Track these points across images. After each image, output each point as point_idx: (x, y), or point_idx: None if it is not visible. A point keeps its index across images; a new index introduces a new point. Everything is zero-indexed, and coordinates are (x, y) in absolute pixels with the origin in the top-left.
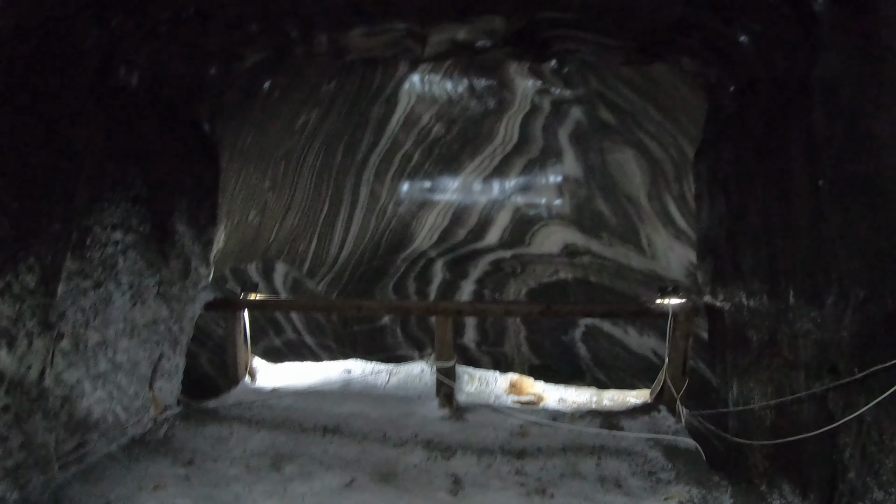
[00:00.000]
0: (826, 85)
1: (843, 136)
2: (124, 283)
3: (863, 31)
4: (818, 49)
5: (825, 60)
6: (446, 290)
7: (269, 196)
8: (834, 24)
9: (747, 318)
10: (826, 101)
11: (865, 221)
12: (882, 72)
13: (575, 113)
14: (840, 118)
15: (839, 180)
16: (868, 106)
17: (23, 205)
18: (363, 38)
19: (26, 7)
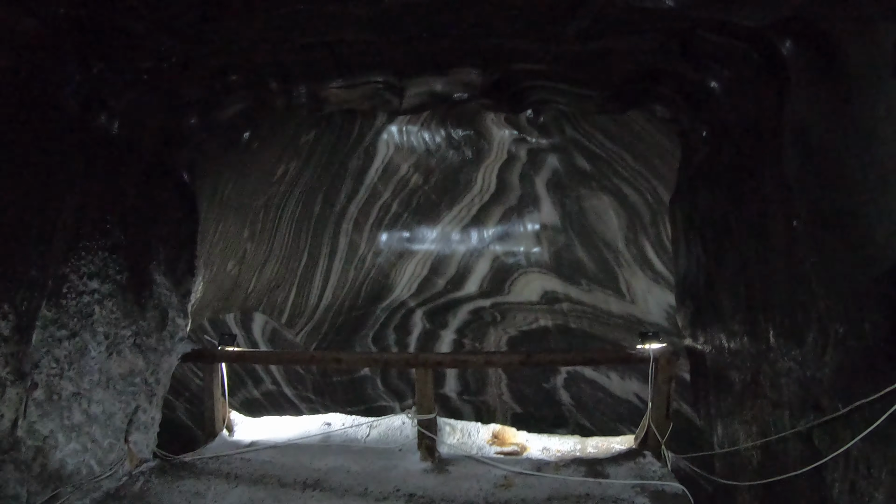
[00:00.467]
0: (796, 126)
1: (815, 176)
2: (100, 333)
3: (829, 73)
4: (787, 92)
5: (794, 103)
6: (426, 340)
7: (248, 246)
8: (801, 67)
9: (729, 359)
10: (797, 142)
11: (841, 258)
12: (849, 112)
13: (551, 161)
14: (811, 158)
15: (813, 219)
16: (838, 145)
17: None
18: (341, 91)
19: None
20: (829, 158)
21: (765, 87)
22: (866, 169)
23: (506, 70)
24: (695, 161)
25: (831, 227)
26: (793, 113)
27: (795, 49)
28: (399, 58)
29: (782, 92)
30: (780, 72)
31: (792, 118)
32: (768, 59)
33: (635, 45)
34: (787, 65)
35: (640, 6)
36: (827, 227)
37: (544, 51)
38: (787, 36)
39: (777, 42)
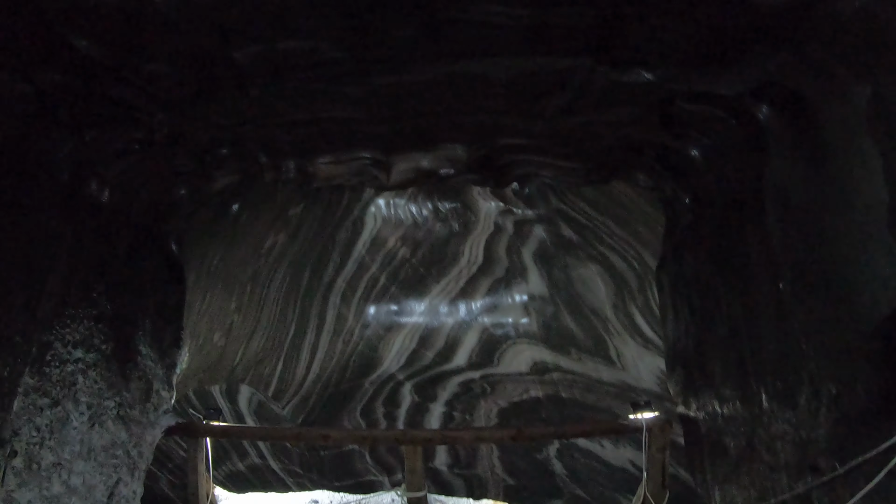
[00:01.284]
0: (777, 189)
1: (798, 237)
2: (83, 403)
3: (806, 135)
4: (766, 156)
5: (774, 166)
6: (415, 414)
7: (235, 317)
8: (779, 130)
9: (723, 425)
10: (778, 204)
11: (829, 318)
12: (828, 172)
13: (538, 232)
14: (793, 220)
15: (799, 280)
16: (818, 206)
17: None
18: (330, 167)
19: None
20: (811, 219)
21: (745, 152)
22: (848, 227)
23: (491, 145)
24: (679, 228)
25: (817, 287)
26: (773, 176)
27: (772, 113)
28: (386, 134)
29: (762, 156)
30: (758, 136)
31: (772, 181)
32: (746, 125)
33: (616, 118)
34: (764, 129)
35: (620, 80)
36: (813, 287)
37: (528, 126)
38: (763, 101)
39: (754, 108)
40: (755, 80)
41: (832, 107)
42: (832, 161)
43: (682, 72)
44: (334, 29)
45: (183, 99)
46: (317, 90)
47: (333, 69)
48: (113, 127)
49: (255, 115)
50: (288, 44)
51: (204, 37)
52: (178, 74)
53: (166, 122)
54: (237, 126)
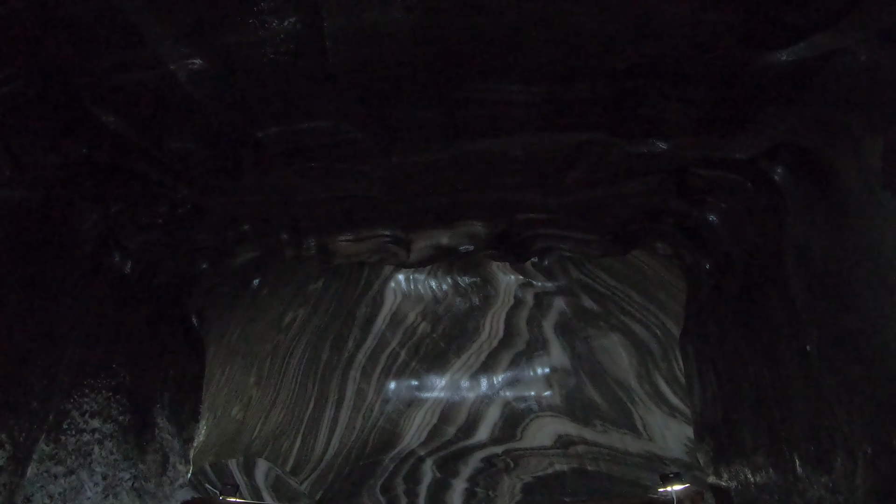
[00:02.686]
0: (797, 249)
1: (823, 297)
2: (98, 474)
3: (823, 193)
4: (785, 216)
5: (793, 226)
6: (437, 490)
7: (254, 392)
8: (795, 190)
9: (756, 494)
10: (800, 265)
11: (861, 377)
12: (847, 228)
13: (558, 304)
14: (816, 280)
15: (826, 340)
16: (841, 263)
17: (2, 379)
18: (350, 244)
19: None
20: (834, 277)
21: (762, 214)
22: (872, 283)
23: (510, 221)
24: (701, 294)
25: (845, 346)
26: (792, 236)
27: (787, 174)
28: (406, 212)
29: (780, 217)
30: (775, 197)
31: (792, 241)
32: (763, 187)
33: (633, 189)
34: (781, 190)
35: (635, 151)
36: (841, 346)
37: (546, 200)
38: (777, 162)
39: (769, 170)
40: (768, 141)
41: (847, 162)
42: (851, 216)
43: (695, 139)
44: (354, 110)
45: (206, 176)
46: (337, 169)
47: (353, 149)
48: (137, 201)
49: (276, 192)
50: (309, 124)
51: (228, 117)
52: (202, 152)
53: (190, 197)
54: (259, 203)
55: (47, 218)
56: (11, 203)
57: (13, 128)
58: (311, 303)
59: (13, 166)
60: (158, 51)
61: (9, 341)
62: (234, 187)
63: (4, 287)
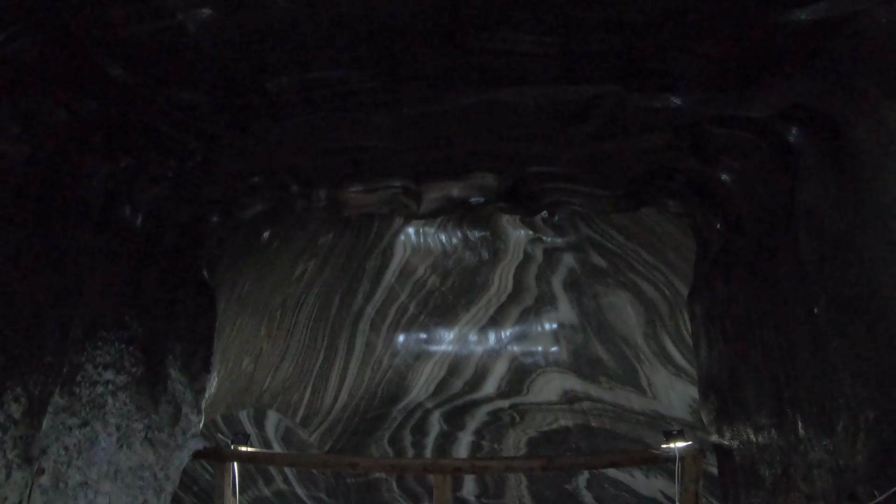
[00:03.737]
0: (809, 212)
1: (833, 261)
2: (112, 425)
3: (838, 157)
4: (798, 179)
5: (805, 189)
6: (443, 442)
7: (265, 344)
8: (809, 152)
9: (757, 454)
10: (811, 228)
11: (866, 342)
12: (861, 193)
13: (567, 260)
14: (826, 243)
15: (834, 305)
16: (852, 228)
17: (16, 333)
18: (360, 195)
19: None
20: (845, 242)
21: (776, 175)
22: (883, 249)
23: (521, 174)
24: (710, 254)
25: (852, 311)
26: (805, 199)
27: (802, 135)
28: (417, 163)
29: (793, 179)
30: (789, 159)
31: (805, 204)
32: (777, 148)
33: (646, 144)
34: (795, 151)
35: (649, 106)
36: (848, 311)
37: (558, 154)
38: (792, 123)
39: (784, 130)
40: (784, 101)
41: (863, 127)
42: (865, 181)
43: (710, 96)
44: (365, 59)
45: (216, 128)
46: (347, 119)
47: (364, 99)
48: (147, 154)
49: (286, 144)
50: (319, 74)
51: (238, 67)
52: (211, 104)
53: (199, 150)
54: (269, 155)
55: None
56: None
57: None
58: (322, 256)
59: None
60: (167, 0)
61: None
62: (243, 139)
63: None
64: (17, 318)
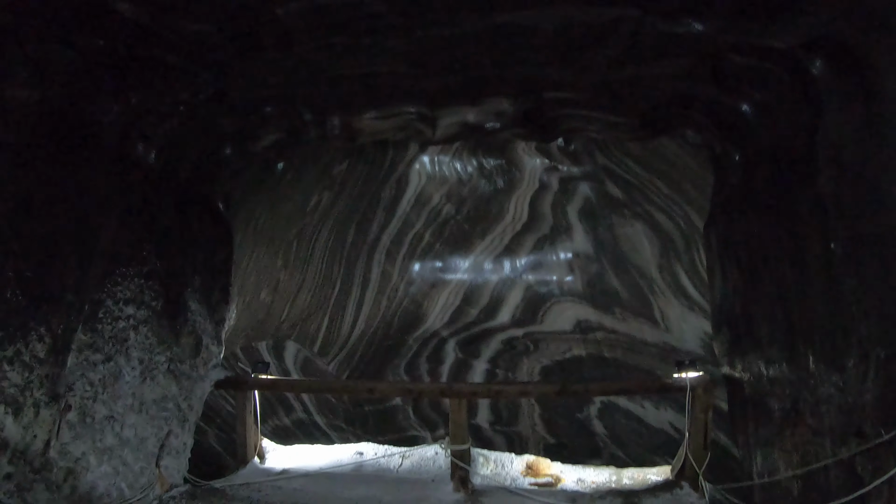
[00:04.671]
0: (831, 147)
1: (852, 197)
2: (134, 358)
3: (862, 92)
4: (820, 113)
5: (828, 123)
6: (459, 370)
7: (282, 275)
8: (833, 87)
9: (767, 387)
10: (832, 163)
11: (881, 281)
12: (885, 130)
13: (583, 189)
14: (847, 179)
15: (851, 241)
16: (874, 165)
17: (37, 274)
18: (375, 122)
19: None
20: (865, 179)
21: (798, 108)
22: None
23: (537, 99)
24: (728, 186)
25: (870, 248)
26: (827, 134)
27: (826, 68)
28: (431, 89)
29: (815, 113)
30: (812, 92)
31: (826, 139)
32: (800, 81)
33: (666, 71)
34: (818, 85)
35: (670, 31)
36: (865, 248)
37: (575, 79)
38: (817, 56)
39: (807, 63)
40: (808, 32)
41: (889, 62)
42: (889, 117)
43: (733, 23)
44: None
45: (227, 58)
46: (361, 45)
47: (378, 23)
48: (158, 89)
49: (299, 72)
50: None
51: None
52: (221, 34)
53: (211, 82)
54: (281, 84)
55: (69, 114)
56: (31, 103)
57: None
58: (336, 186)
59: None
60: None
61: (41, 237)
62: (255, 68)
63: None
64: (37, 258)
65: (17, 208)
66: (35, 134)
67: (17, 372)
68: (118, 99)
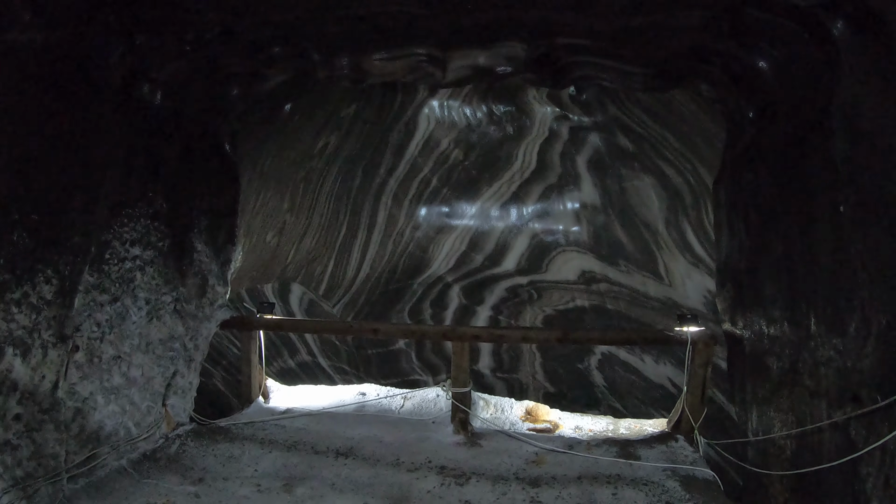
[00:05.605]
0: (846, 109)
1: (865, 160)
2: (141, 299)
3: (882, 56)
4: (838, 73)
5: (845, 84)
6: (462, 316)
7: (288, 217)
8: (853, 49)
9: (767, 345)
10: (847, 125)
11: (889, 246)
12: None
13: (593, 140)
14: (861, 142)
15: (861, 205)
16: (890, 129)
17: (43, 216)
18: (384, 63)
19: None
20: (880, 144)
21: (815, 68)
22: None
23: (550, 44)
24: (740, 142)
25: (879, 214)
26: (844, 97)
27: (846, 29)
28: (442, 30)
29: (833, 73)
30: (831, 52)
31: (843, 99)
32: (819, 40)
33: (683, 22)
34: (838, 46)
35: None
36: (875, 213)
37: (590, 25)
38: (838, 16)
39: (828, 22)
40: None
41: None
42: None
43: None
44: None
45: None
46: None
47: None
48: (163, 29)
49: (307, 10)
50: None
51: None
52: None
53: (217, 21)
54: (289, 23)
55: (72, 56)
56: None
57: None
58: (344, 129)
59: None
60: None
61: (46, 180)
62: (262, 7)
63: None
64: (43, 201)
65: (22, 153)
66: (39, 77)
67: (25, 314)
68: (123, 40)
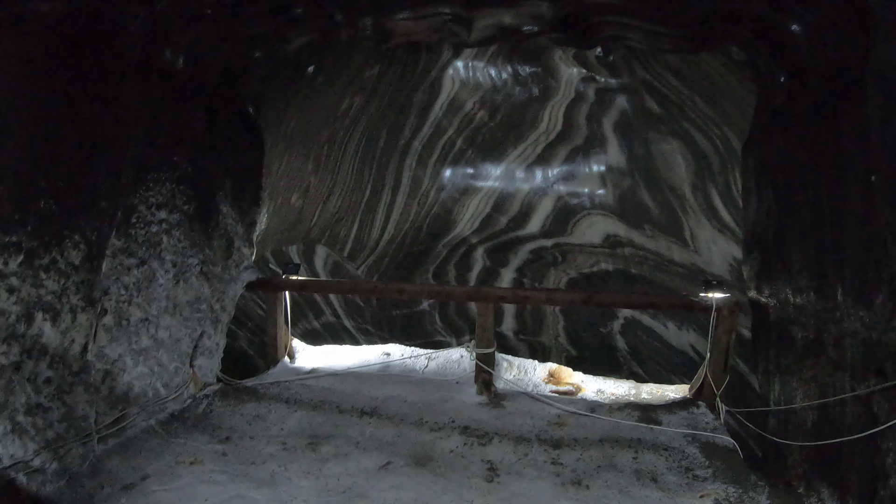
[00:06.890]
0: (881, 76)
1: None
2: (168, 262)
3: None
4: (873, 39)
5: (880, 52)
6: (486, 278)
7: (312, 179)
8: (889, 15)
9: (793, 315)
10: (880, 92)
11: None
12: None
13: (620, 102)
14: (894, 110)
15: (893, 175)
16: None
17: (70, 182)
18: (408, 22)
19: None
20: None
21: (850, 33)
22: None
23: (577, 3)
24: (771, 107)
25: None
26: (878, 62)
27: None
28: None
29: (867, 38)
30: (865, 18)
31: (877, 68)
32: (854, 4)
33: None
34: (874, 10)
35: None
36: None
37: None
38: None
39: None
40: None
41: None
42: None
43: None
44: None
45: None
46: None
47: None
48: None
49: None
50: None
51: None
52: None
53: None
54: None
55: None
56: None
57: None
58: (368, 90)
59: None
60: None
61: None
62: None
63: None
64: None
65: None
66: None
67: (54, 279)
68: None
